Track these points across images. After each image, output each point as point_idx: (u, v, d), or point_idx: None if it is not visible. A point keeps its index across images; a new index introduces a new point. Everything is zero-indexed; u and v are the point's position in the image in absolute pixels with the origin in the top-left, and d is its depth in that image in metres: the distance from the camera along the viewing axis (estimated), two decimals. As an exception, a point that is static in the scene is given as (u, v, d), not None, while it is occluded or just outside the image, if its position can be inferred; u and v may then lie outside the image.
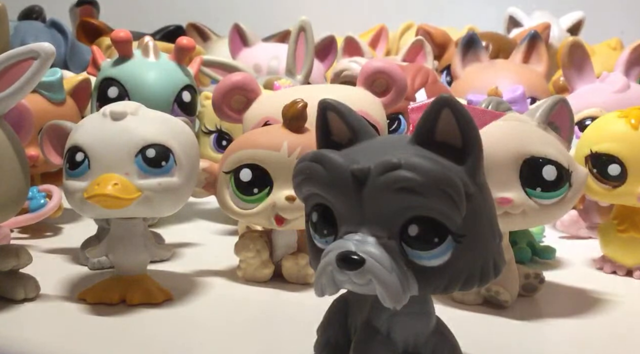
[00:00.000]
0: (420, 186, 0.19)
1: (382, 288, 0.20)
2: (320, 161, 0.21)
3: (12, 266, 0.40)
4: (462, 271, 0.20)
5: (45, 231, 0.56)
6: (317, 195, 0.22)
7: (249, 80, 0.51)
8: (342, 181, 0.20)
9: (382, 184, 0.19)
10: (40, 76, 0.38)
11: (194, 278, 0.45)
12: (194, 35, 0.92)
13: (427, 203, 0.19)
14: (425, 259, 0.20)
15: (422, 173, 0.19)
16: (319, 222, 0.22)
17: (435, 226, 0.19)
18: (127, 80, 0.54)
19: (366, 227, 0.20)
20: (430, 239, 0.20)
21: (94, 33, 0.89)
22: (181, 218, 0.60)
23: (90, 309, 0.39)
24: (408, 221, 0.20)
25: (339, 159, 0.20)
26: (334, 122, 0.22)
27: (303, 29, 0.64)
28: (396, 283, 0.20)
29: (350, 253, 0.20)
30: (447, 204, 0.19)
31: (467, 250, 0.19)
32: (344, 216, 0.21)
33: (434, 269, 0.20)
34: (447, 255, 0.20)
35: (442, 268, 0.20)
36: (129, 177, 0.37)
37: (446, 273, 0.20)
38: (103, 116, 0.39)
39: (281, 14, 1.11)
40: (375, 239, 0.20)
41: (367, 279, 0.20)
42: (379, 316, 0.23)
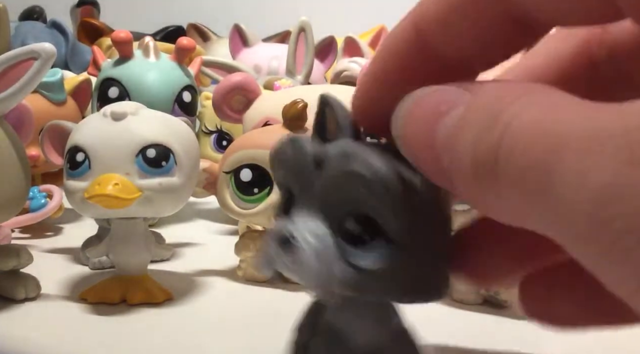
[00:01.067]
0: (364, 180, 0.18)
1: (305, 275, 0.19)
2: (290, 143, 0.21)
3: (13, 266, 0.40)
4: (394, 279, 0.19)
5: (46, 231, 0.56)
6: (284, 179, 0.21)
7: (249, 80, 0.51)
8: (304, 165, 0.20)
9: (331, 171, 0.19)
10: (41, 77, 0.38)
11: (194, 278, 0.45)
12: (194, 35, 0.92)
13: (367, 200, 0.18)
14: (359, 258, 0.19)
15: (369, 168, 0.18)
16: (284, 204, 0.21)
17: (372, 226, 0.19)
18: (127, 81, 0.54)
19: (312, 213, 0.20)
20: (364, 237, 0.19)
21: (94, 33, 0.89)
22: (181, 218, 0.61)
23: (91, 309, 0.39)
24: (348, 214, 0.19)
25: (307, 143, 0.20)
26: (329, 117, 0.22)
27: (303, 29, 0.64)
28: (320, 274, 0.19)
29: (288, 232, 0.19)
30: (387, 206, 0.18)
31: (402, 258, 0.19)
32: (299, 201, 0.20)
33: (365, 270, 0.19)
34: (379, 258, 0.19)
35: (373, 270, 0.19)
36: (130, 177, 0.37)
37: (376, 277, 0.19)
38: (103, 116, 0.39)
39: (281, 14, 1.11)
40: (320, 227, 0.20)
41: (297, 264, 0.19)
42: (337, 318, 0.22)
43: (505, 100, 0.16)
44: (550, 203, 0.14)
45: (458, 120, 0.16)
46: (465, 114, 0.16)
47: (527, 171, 0.14)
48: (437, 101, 0.17)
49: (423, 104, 0.18)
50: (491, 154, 0.15)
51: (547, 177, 0.14)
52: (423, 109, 0.18)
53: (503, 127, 0.15)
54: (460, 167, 0.16)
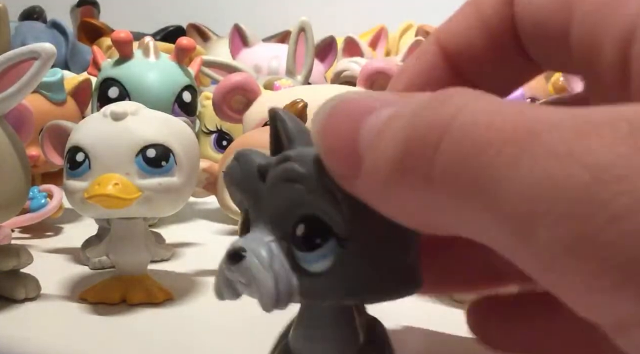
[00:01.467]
0: (304, 179, 0.18)
1: (255, 287, 0.19)
2: (237, 160, 0.21)
3: (13, 266, 0.40)
4: (347, 280, 0.18)
5: (46, 231, 0.56)
6: (239, 198, 0.21)
7: (249, 80, 0.52)
8: (250, 177, 0.20)
9: (274, 177, 0.18)
10: (41, 77, 0.38)
11: (194, 278, 0.45)
12: (194, 35, 0.92)
13: (311, 199, 0.18)
14: (309, 262, 0.18)
15: (308, 165, 0.18)
16: (241, 227, 0.21)
17: (319, 227, 0.18)
18: (127, 81, 0.54)
19: (263, 226, 0.19)
20: (313, 240, 0.18)
21: (94, 33, 0.89)
22: (181, 218, 0.61)
23: (91, 309, 0.39)
24: (297, 220, 0.18)
25: (252, 156, 0.20)
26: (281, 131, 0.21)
27: (303, 29, 0.64)
28: (270, 283, 0.18)
29: (237, 249, 0.19)
30: (330, 203, 0.18)
31: (353, 257, 0.18)
32: (252, 217, 0.20)
33: (317, 274, 0.18)
34: (330, 259, 0.18)
35: (325, 273, 0.18)
36: (130, 177, 0.37)
37: (329, 280, 0.18)
38: (103, 116, 0.39)
39: (281, 14, 1.11)
40: (269, 238, 0.19)
41: (247, 277, 0.19)
42: (296, 339, 0.22)
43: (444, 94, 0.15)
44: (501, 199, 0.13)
45: (388, 116, 0.16)
46: (400, 109, 0.16)
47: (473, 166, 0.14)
48: (364, 100, 0.17)
49: (349, 102, 0.17)
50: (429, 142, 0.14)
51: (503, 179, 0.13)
52: (349, 107, 0.17)
53: (454, 110, 0.14)
54: (380, 163, 0.15)
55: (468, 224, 0.14)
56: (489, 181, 0.13)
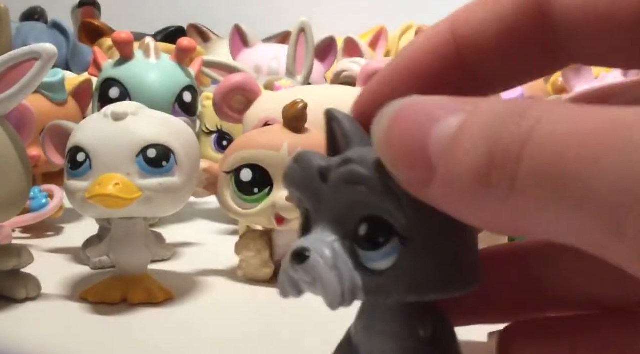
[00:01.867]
0: (367, 181, 0.18)
1: (320, 285, 0.19)
2: (298, 160, 0.21)
3: (14, 266, 0.40)
4: (410, 277, 0.19)
5: (46, 231, 0.56)
6: (299, 199, 0.22)
7: (249, 81, 0.52)
8: (311, 178, 0.20)
9: (336, 178, 0.19)
10: (42, 77, 0.38)
11: (194, 278, 0.45)
12: (195, 36, 0.92)
13: (374, 201, 0.18)
14: (372, 260, 0.19)
15: (370, 167, 0.18)
16: (301, 228, 0.21)
17: (382, 226, 0.19)
18: (128, 81, 0.54)
19: (325, 226, 0.20)
20: (376, 239, 0.19)
21: (95, 34, 0.89)
22: (182, 218, 0.61)
23: (91, 309, 0.39)
24: (360, 220, 0.19)
25: (313, 158, 0.20)
26: (337, 131, 0.22)
27: (303, 30, 0.64)
28: (334, 282, 0.19)
29: (302, 249, 0.19)
30: (393, 204, 0.18)
31: (415, 255, 0.19)
32: (314, 218, 0.20)
33: (380, 272, 0.19)
34: (392, 258, 0.19)
35: (387, 271, 0.19)
36: (130, 177, 0.37)
37: (391, 277, 0.19)
38: (104, 116, 0.39)
39: (281, 15, 1.11)
40: (332, 238, 0.20)
41: (312, 276, 0.19)
42: (356, 331, 0.22)
43: (521, 107, 0.15)
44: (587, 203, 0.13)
45: (459, 126, 0.16)
46: (472, 118, 0.16)
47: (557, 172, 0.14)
48: (428, 106, 0.17)
49: (415, 107, 0.17)
50: (512, 154, 0.15)
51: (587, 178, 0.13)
52: (415, 113, 0.17)
53: (533, 122, 0.14)
54: (461, 173, 0.15)
55: (555, 226, 0.14)
56: (574, 182, 0.14)
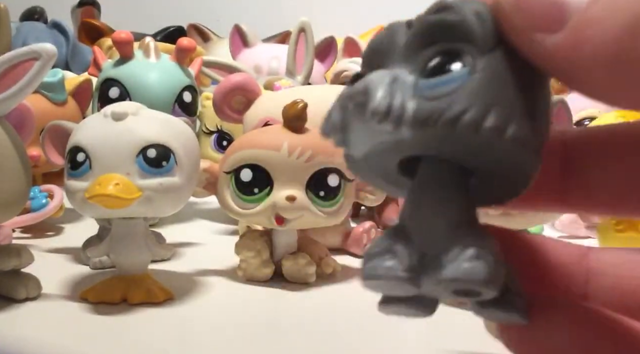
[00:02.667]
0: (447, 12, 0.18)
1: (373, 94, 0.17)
2: (385, 30, 0.20)
3: (14, 266, 0.40)
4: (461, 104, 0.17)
5: (46, 231, 0.56)
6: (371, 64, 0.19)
7: (249, 80, 0.52)
8: (398, 34, 0.19)
9: (423, 17, 0.18)
10: (42, 77, 0.38)
11: (194, 277, 0.45)
12: (195, 36, 0.92)
13: (452, 31, 0.18)
14: (433, 88, 0.17)
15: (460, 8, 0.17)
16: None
17: (455, 56, 0.18)
18: (128, 81, 0.54)
19: (393, 66, 0.18)
20: (444, 67, 0.18)
21: (95, 34, 0.89)
22: (182, 218, 0.61)
23: (91, 309, 0.39)
24: (433, 54, 0.18)
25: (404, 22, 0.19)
26: None
27: (303, 29, 0.64)
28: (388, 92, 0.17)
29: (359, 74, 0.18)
30: (471, 32, 0.17)
31: (476, 86, 0.17)
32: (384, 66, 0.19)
33: (436, 97, 0.17)
34: (455, 84, 0.17)
35: (443, 96, 0.17)
36: (130, 177, 0.37)
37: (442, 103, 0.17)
38: (104, 116, 0.39)
39: (281, 15, 1.11)
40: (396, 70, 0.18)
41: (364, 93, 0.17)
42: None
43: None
44: None
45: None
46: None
47: None
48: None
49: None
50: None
51: None
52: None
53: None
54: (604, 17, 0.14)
55: None
56: None
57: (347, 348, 0.36)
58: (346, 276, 0.46)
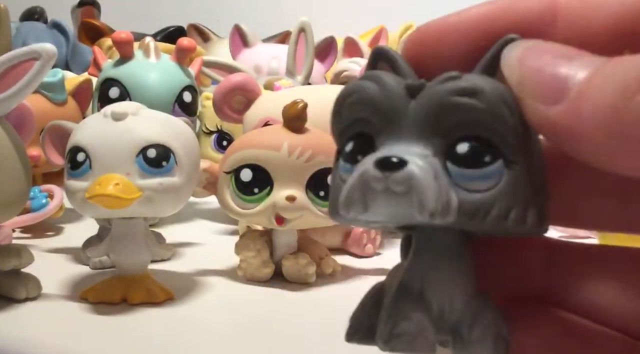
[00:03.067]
0: (476, 99, 0.17)
1: (420, 194, 0.17)
2: (371, 79, 0.20)
3: (14, 266, 0.40)
4: (507, 200, 0.18)
5: (46, 231, 0.56)
6: (357, 121, 0.19)
7: (249, 80, 0.52)
8: (394, 95, 0.18)
9: (437, 93, 0.18)
10: (42, 77, 0.38)
11: (194, 277, 0.45)
12: (195, 36, 0.92)
13: (482, 119, 0.17)
14: (471, 179, 0.18)
15: (480, 86, 0.17)
16: (353, 150, 0.19)
17: (488, 146, 0.18)
18: (128, 81, 0.54)
19: (412, 141, 0.18)
20: (480, 158, 0.18)
21: (95, 34, 0.89)
22: (182, 218, 0.61)
23: (91, 309, 0.39)
24: (460, 137, 0.18)
25: (391, 75, 0.18)
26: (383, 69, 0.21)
27: (303, 29, 0.64)
28: (435, 191, 0.17)
29: (391, 156, 0.18)
30: (504, 123, 0.17)
31: (514, 179, 0.18)
32: (388, 135, 0.18)
33: (475, 192, 0.18)
34: (494, 179, 0.18)
35: (484, 192, 0.18)
36: (130, 177, 0.37)
37: (487, 197, 0.18)
38: (104, 116, 0.39)
39: (281, 15, 1.11)
40: (425, 152, 0.18)
41: (406, 185, 0.17)
42: (412, 273, 0.20)
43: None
44: None
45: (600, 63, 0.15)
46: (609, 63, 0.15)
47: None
48: (559, 48, 0.16)
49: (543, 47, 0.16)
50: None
51: None
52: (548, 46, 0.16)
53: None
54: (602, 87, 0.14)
55: None
56: None
57: (347, 348, 0.36)
58: (346, 276, 0.46)
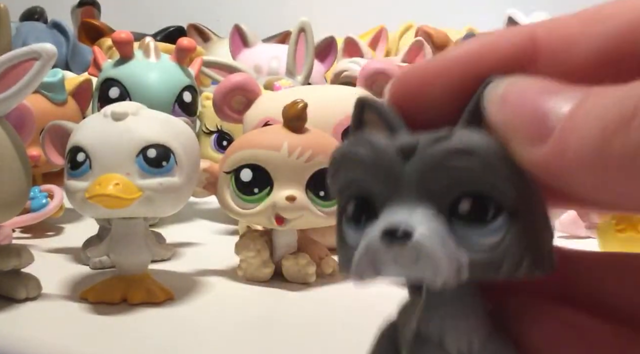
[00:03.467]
0: (470, 159, 0.17)
1: (431, 264, 0.18)
2: (360, 143, 0.20)
3: (14, 266, 0.40)
4: (514, 252, 0.18)
5: (46, 231, 0.56)
6: (354, 183, 0.20)
7: (249, 80, 0.52)
8: (386, 158, 0.19)
9: (430, 156, 0.18)
10: (42, 77, 0.38)
11: (194, 277, 0.45)
12: (195, 36, 0.92)
13: (482, 177, 0.18)
14: (476, 236, 0.18)
15: (472, 145, 0.17)
16: (356, 213, 0.19)
17: (490, 202, 0.18)
18: (128, 81, 0.54)
19: (412, 204, 0.19)
20: (483, 215, 0.18)
21: (95, 34, 0.89)
22: (182, 218, 0.61)
23: (91, 309, 0.39)
24: (459, 195, 0.18)
25: (381, 138, 0.19)
26: (370, 121, 0.21)
27: (303, 29, 0.64)
28: (444, 257, 0.18)
29: (396, 226, 0.18)
30: (502, 176, 0.18)
31: (520, 230, 0.18)
32: (387, 198, 0.18)
33: (484, 248, 0.18)
34: (500, 234, 0.18)
35: (492, 247, 0.18)
36: (130, 177, 0.37)
37: (497, 253, 0.18)
38: (104, 116, 0.39)
39: (281, 15, 1.11)
40: (427, 214, 0.19)
41: (414, 256, 0.18)
42: (428, 322, 0.20)
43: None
44: None
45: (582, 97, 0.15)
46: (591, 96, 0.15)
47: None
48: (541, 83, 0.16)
49: (526, 80, 0.16)
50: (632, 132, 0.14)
51: None
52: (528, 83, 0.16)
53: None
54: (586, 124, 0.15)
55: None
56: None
57: (347, 348, 0.36)
58: (346, 276, 0.46)
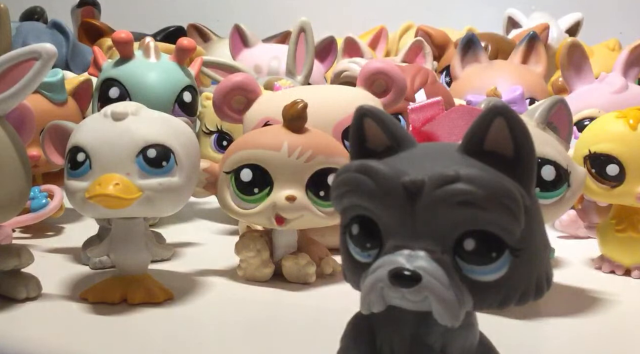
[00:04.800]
0: (480, 200, 0.18)
1: (439, 305, 0.19)
2: (366, 172, 0.20)
3: (14, 266, 0.40)
4: (519, 286, 0.19)
5: (46, 231, 0.56)
6: (359, 206, 0.20)
7: (249, 80, 0.52)
8: (392, 193, 0.19)
9: (438, 197, 0.18)
10: (42, 77, 0.38)
11: (194, 278, 0.45)
12: (195, 36, 0.92)
13: (486, 217, 0.18)
14: (481, 274, 0.19)
15: (482, 186, 0.18)
16: (360, 235, 0.20)
17: (493, 240, 0.19)
18: (128, 81, 0.54)
19: (417, 241, 0.19)
20: (487, 253, 0.19)
21: (95, 34, 0.89)
22: (182, 218, 0.61)
23: (91, 309, 0.39)
24: (464, 234, 0.19)
25: (387, 170, 0.19)
26: (370, 130, 0.21)
27: (303, 29, 0.64)
28: (454, 299, 0.19)
29: (403, 269, 0.19)
30: (508, 218, 0.18)
31: (523, 264, 0.19)
32: (392, 230, 0.19)
33: (489, 284, 0.19)
34: (504, 270, 0.19)
35: (498, 282, 0.19)
36: (130, 177, 0.37)
37: (502, 288, 0.19)
38: (104, 116, 0.39)
39: (281, 15, 1.11)
40: (427, 254, 0.19)
41: (422, 296, 0.19)
42: (431, 331, 0.21)
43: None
44: None
45: None
46: None
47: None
48: None
49: None
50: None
51: None
52: None
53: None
54: None
55: None
56: None
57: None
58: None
